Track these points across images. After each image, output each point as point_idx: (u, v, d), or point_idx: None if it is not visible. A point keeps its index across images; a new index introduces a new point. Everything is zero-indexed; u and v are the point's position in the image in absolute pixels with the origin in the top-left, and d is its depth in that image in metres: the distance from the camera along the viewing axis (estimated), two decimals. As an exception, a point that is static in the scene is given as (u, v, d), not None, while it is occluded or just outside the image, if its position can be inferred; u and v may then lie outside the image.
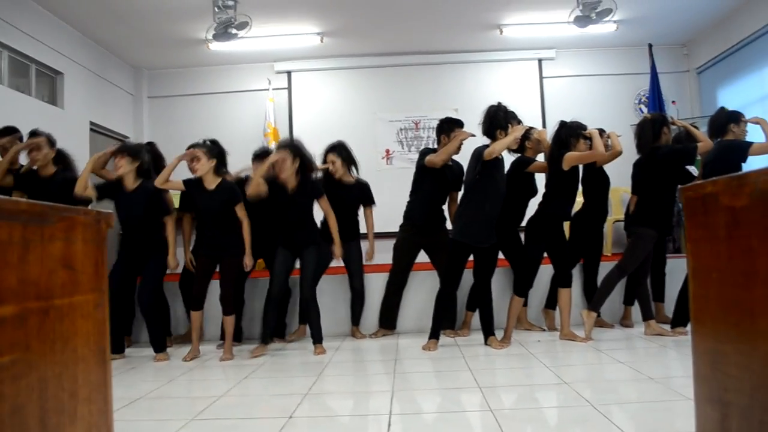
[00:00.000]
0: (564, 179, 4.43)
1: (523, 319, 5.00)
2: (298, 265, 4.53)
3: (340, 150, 4.91)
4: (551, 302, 4.95)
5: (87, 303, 1.28)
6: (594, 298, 4.57)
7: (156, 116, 7.82)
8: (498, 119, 4.25)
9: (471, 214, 4.25)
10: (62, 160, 4.60)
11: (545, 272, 4.86)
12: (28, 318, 1.08)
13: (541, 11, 6.53)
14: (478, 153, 4.21)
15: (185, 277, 4.93)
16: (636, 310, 4.80)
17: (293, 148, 4.39)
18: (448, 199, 4.96)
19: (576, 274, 4.94)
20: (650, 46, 7.24)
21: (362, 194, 5.02)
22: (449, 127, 4.72)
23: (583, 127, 4.48)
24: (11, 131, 4.57)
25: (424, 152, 4.83)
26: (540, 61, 7.76)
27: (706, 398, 1.39)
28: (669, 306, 4.81)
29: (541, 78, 7.75)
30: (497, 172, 4.26)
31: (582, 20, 6.21)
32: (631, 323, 4.96)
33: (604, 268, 4.79)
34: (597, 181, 4.71)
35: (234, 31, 6.08)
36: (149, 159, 4.55)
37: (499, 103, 4.34)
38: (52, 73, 6.12)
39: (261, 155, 4.80)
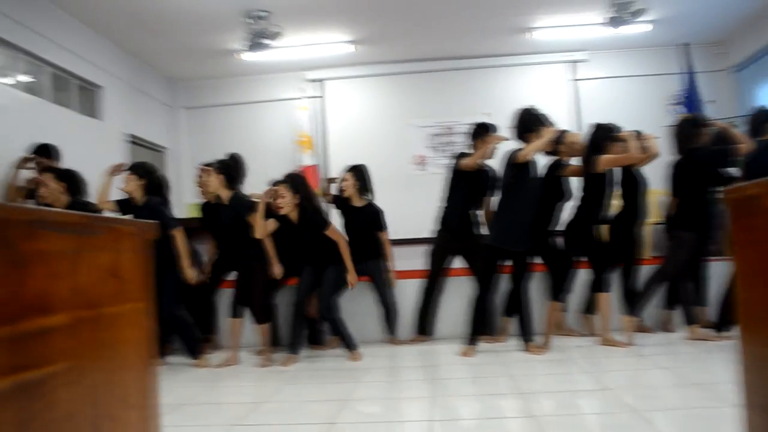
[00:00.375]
0: (599, 182, 4.38)
1: (562, 325, 4.94)
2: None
3: (357, 171, 4.92)
4: (590, 307, 4.88)
5: (134, 311, 1.31)
6: (635, 303, 4.49)
7: (192, 126, 7.96)
8: (529, 122, 4.24)
9: (505, 219, 4.23)
10: (71, 183, 4.58)
11: (583, 277, 4.80)
12: (80, 326, 1.11)
13: (572, 13, 6.47)
14: (510, 157, 4.19)
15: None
16: (678, 314, 4.72)
17: (292, 182, 4.42)
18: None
19: (614, 278, 4.87)
20: (686, 45, 7.11)
21: (372, 219, 4.92)
22: (482, 131, 4.70)
23: (617, 130, 4.42)
24: (45, 151, 4.67)
25: (458, 157, 4.82)
26: (572, 63, 7.68)
27: (753, 405, 1.36)
28: (712, 310, 4.71)
29: (575, 80, 7.68)
30: (530, 176, 4.23)
31: (615, 21, 6.15)
32: (672, 328, 4.87)
33: (643, 272, 4.71)
34: (634, 184, 4.64)
35: (266, 41, 6.17)
36: (158, 178, 4.72)
37: (530, 106, 4.32)
38: (92, 86, 6.28)
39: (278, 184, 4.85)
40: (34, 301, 0.96)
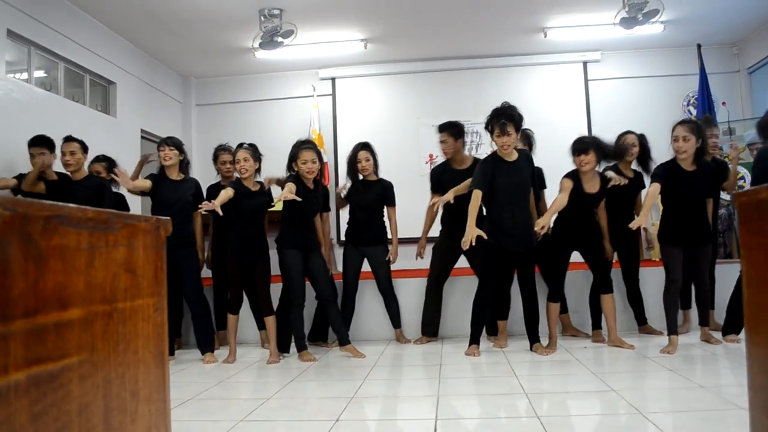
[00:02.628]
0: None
1: (568, 326, 4.94)
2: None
3: (371, 149, 4.94)
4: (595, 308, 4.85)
5: (147, 306, 1.33)
6: (666, 322, 4.26)
7: (204, 123, 8.01)
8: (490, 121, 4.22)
9: (491, 219, 4.27)
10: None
11: (584, 277, 4.79)
12: (94, 321, 1.13)
13: (586, 13, 6.46)
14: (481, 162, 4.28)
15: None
16: (682, 316, 4.69)
17: (314, 147, 4.53)
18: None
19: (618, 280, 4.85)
20: (699, 46, 7.08)
21: (385, 193, 4.96)
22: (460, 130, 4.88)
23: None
24: (44, 141, 4.68)
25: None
26: (585, 63, 7.67)
27: (761, 407, 1.36)
28: (719, 313, 4.69)
29: (587, 80, 7.66)
30: (508, 177, 4.21)
31: (628, 21, 6.13)
32: (682, 330, 4.80)
33: (653, 275, 4.69)
34: (636, 186, 4.64)
35: (280, 39, 6.20)
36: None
37: (505, 104, 4.24)
38: (105, 82, 6.33)
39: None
40: (51, 295, 0.98)
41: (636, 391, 3.11)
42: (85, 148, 4.65)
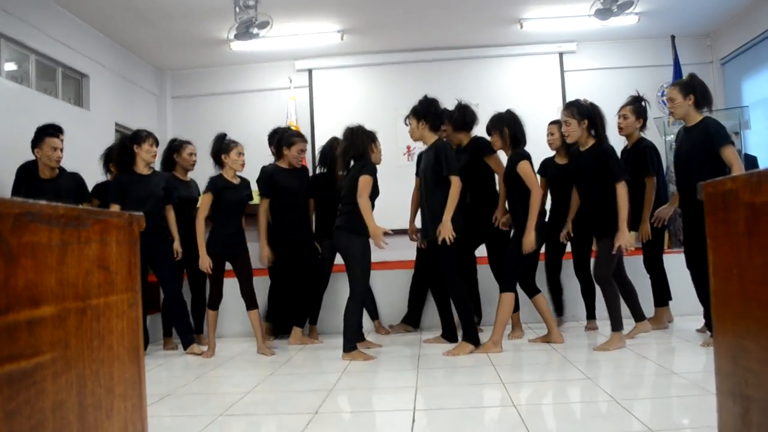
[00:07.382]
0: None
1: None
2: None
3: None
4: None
5: (121, 302, 1.32)
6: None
7: (179, 116, 7.93)
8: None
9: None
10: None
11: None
12: (67, 317, 1.13)
13: (561, 4, 6.49)
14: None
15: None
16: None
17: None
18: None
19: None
20: (673, 37, 7.15)
21: (355, 182, 4.97)
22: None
23: None
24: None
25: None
26: (561, 54, 7.71)
27: (727, 393, 1.40)
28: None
29: (563, 71, 7.71)
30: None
31: (603, 13, 6.17)
32: (663, 325, 4.76)
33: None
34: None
35: (255, 30, 6.14)
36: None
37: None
38: (78, 75, 6.24)
39: None
40: (23, 292, 0.98)
41: (610, 379, 3.17)
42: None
